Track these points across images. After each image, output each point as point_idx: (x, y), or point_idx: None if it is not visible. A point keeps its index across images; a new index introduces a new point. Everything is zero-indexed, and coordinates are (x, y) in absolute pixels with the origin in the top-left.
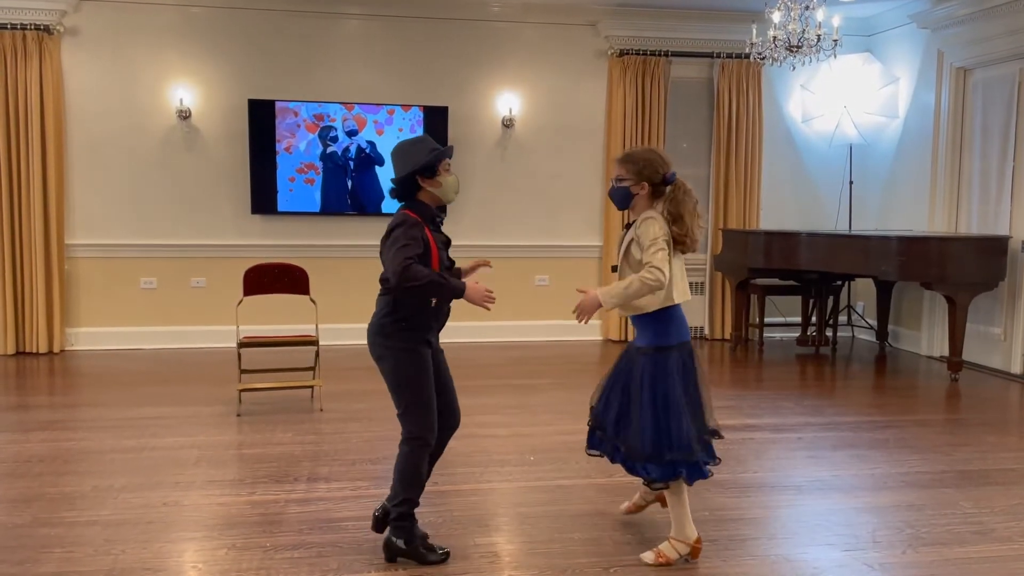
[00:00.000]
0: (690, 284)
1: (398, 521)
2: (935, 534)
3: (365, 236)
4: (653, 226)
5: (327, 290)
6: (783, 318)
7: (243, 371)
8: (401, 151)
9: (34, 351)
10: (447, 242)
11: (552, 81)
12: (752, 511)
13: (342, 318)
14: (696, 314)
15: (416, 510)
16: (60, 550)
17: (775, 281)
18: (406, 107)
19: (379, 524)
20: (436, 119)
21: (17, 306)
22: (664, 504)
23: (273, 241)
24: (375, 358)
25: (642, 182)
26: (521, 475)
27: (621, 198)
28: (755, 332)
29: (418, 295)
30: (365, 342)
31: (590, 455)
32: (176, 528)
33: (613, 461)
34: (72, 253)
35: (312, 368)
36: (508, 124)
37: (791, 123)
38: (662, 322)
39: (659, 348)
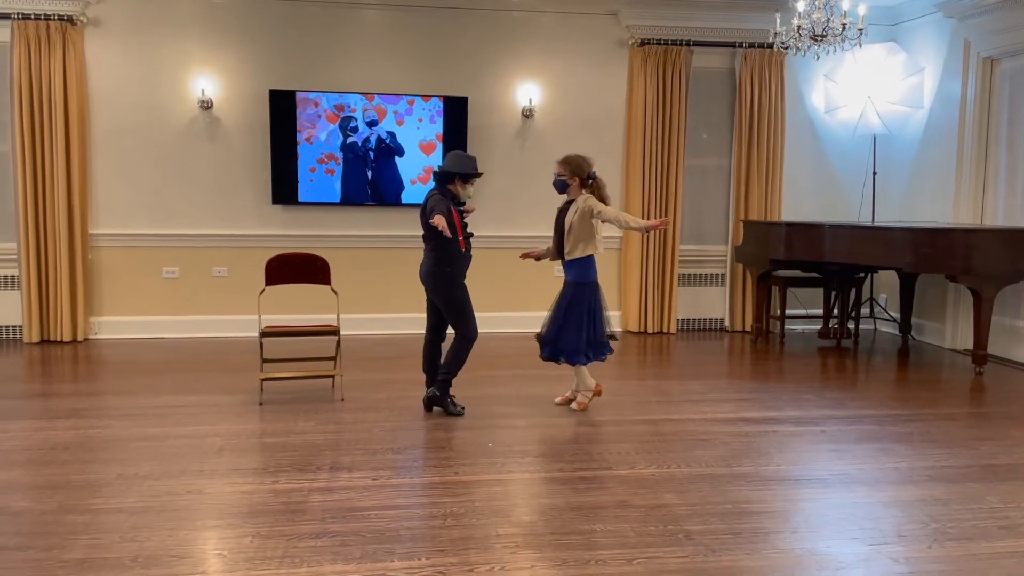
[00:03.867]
0: (710, 276)
1: (443, 382)
2: (961, 529)
3: (385, 226)
4: (595, 202)
5: (347, 280)
6: (805, 310)
7: (265, 360)
8: (457, 156)
9: (58, 339)
10: (462, 215)
11: (572, 71)
12: (775, 504)
13: (362, 308)
14: (716, 305)
15: (439, 496)
16: (86, 537)
17: (797, 273)
18: (426, 97)
19: (428, 404)
20: (456, 109)
21: (42, 295)
22: (599, 395)
23: (294, 231)
24: (431, 289)
25: (575, 176)
26: (542, 466)
27: (560, 186)
28: (776, 324)
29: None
30: (386, 331)
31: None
32: (200, 516)
33: (547, 359)
34: (95, 243)
35: (333, 358)
36: (528, 114)
37: (814, 113)
38: (584, 266)
39: (579, 284)
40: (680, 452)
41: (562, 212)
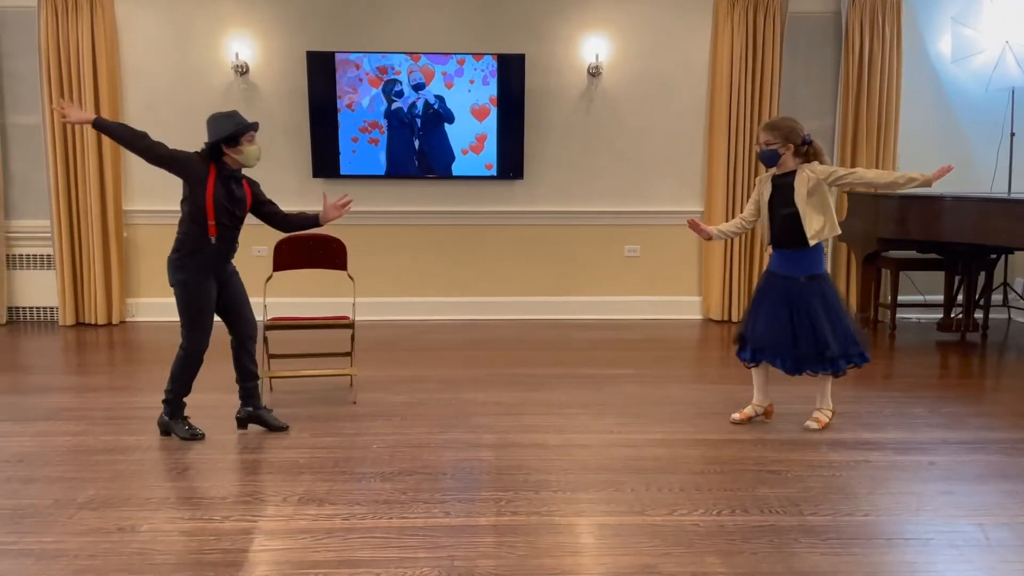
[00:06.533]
0: None
1: (165, 402)
2: None
3: (433, 201)
4: (825, 165)
5: (393, 261)
6: (922, 297)
7: (271, 356)
8: (211, 120)
9: (93, 322)
10: (239, 199)
11: (647, 21)
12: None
13: (411, 291)
14: None
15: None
16: None
17: (912, 254)
18: (478, 56)
19: (241, 423)
20: (511, 69)
21: (76, 275)
22: (769, 417)
23: None
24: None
25: (788, 144)
26: (555, 506)
27: (770, 158)
28: (887, 314)
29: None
30: (436, 317)
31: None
32: (111, 569)
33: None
34: (130, 220)
35: (349, 353)
36: (594, 72)
37: (938, 64)
38: (821, 253)
39: (816, 276)
40: (739, 489)
41: (780, 188)
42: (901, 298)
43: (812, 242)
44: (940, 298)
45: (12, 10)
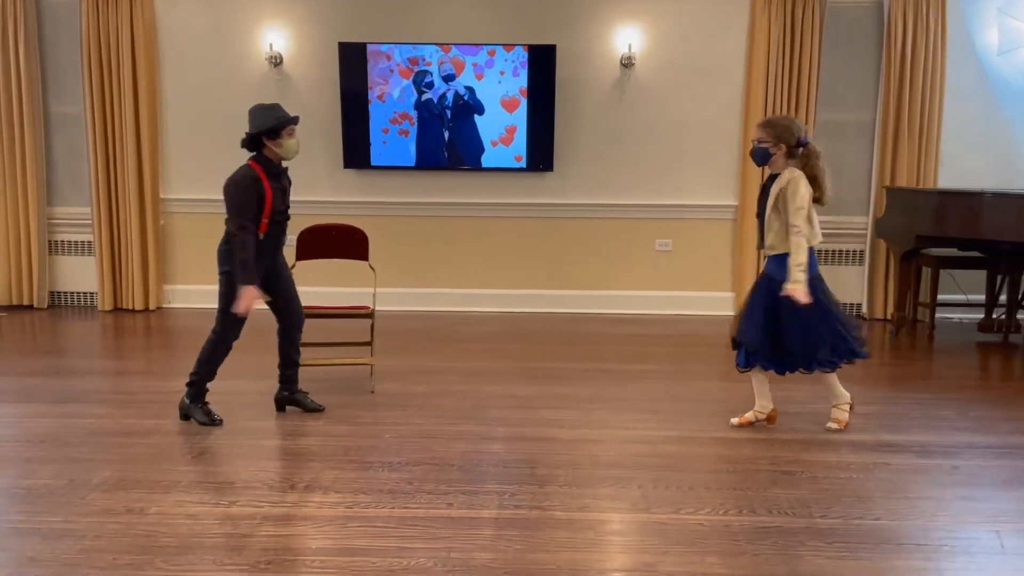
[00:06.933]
0: (846, 252)
1: (190, 384)
2: None
3: (463, 193)
4: (801, 187)
5: (421, 253)
6: (964, 296)
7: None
8: (254, 112)
9: (130, 308)
10: (288, 193)
11: (682, 11)
12: None
13: (440, 282)
14: (852, 288)
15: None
16: None
17: (953, 251)
18: (508, 47)
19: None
20: (542, 60)
21: (115, 261)
22: (772, 422)
23: (366, 198)
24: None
25: (780, 144)
26: (558, 499)
27: (761, 157)
28: (926, 313)
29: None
30: (465, 309)
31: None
32: (116, 549)
33: (779, 371)
34: (167, 208)
35: (369, 343)
36: (627, 63)
37: (984, 56)
38: (811, 259)
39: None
40: (750, 489)
41: (764, 190)
42: (942, 297)
43: (768, 252)
44: (983, 297)
45: (55, 2)
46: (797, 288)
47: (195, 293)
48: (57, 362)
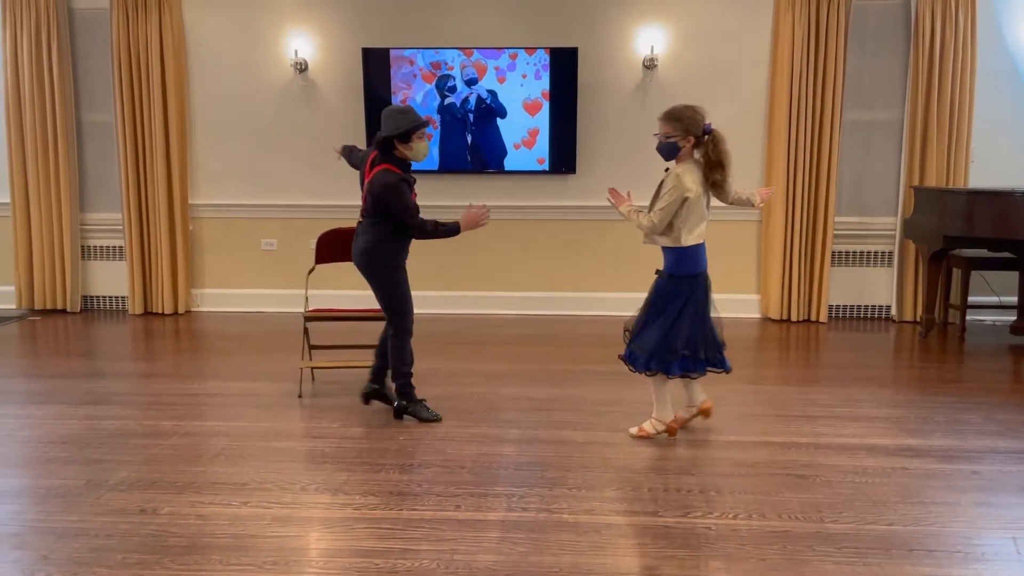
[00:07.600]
0: (874, 254)
1: (401, 388)
2: None
3: (485, 196)
4: (683, 180)
5: (443, 256)
6: (997, 298)
7: (312, 347)
8: (387, 115)
9: (160, 311)
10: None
11: (704, 11)
12: None
13: (462, 285)
14: (880, 290)
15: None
16: None
17: (984, 252)
18: (530, 50)
19: (366, 398)
20: (564, 63)
21: (145, 266)
22: (707, 416)
23: None
24: (364, 271)
25: (689, 136)
26: (567, 503)
27: (669, 151)
28: (957, 316)
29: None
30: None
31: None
32: (130, 548)
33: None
34: (196, 213)
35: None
36: (650, 65)
37: (1016, 53)
38: (676, 257)
39: (672, 276)
40: (762, 493)
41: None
42: (975, 299)
43: (643, 241)
44: (1016, 299)
45: (87, 11)
46: (622, 200)
47: (223, 297)
48: (86, 365)
